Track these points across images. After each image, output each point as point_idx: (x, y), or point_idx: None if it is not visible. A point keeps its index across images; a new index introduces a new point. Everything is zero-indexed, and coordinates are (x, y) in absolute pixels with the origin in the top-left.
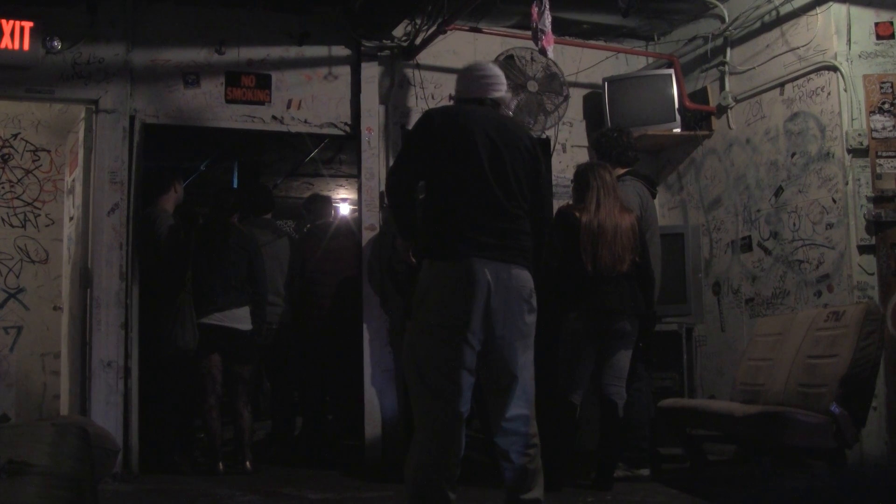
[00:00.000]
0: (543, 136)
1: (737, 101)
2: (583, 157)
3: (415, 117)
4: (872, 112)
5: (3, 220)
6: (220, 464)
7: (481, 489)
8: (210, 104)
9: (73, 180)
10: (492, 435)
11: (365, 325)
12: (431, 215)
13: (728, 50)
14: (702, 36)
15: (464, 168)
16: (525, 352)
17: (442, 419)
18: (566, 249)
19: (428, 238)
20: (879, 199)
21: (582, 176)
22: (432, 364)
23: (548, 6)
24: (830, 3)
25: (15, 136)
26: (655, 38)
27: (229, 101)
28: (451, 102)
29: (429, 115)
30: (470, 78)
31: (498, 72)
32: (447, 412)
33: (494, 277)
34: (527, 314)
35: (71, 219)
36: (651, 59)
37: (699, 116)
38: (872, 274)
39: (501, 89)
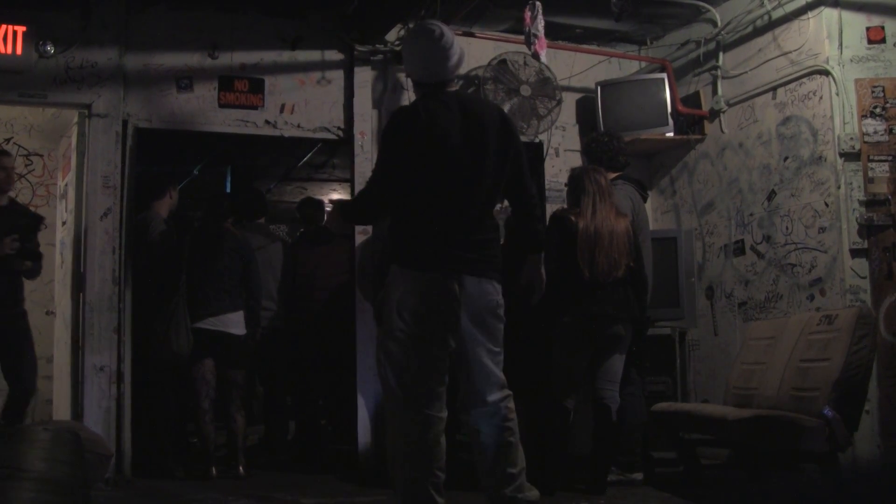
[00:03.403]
0: (536, 141)
1: (729, 105)
2: (576, 161)
3: None
4: (864, 116)
5: None
6: (213, 468)
7: (471, 494)
8: (203, 108)
9: (66, 185)
10: (466, 415)
11: (358, 330)
12: (403, 222)
13: (720, 54)
14: (694, 40)
15: (438, 175)
16: (495, 355)
17: (421, 423)
18: (562, 254)
19: (399, 245)
20: (871, 202)
21: (577, 180)
22: (406, 369)
23: (541, 11)
24: (822, 7)
25: (7, 140)
26: (648, 42)
27: (222, 105)
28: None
29: (397, 121)
30: (426, 57)
31: (447, 32)
32: (424, 416)
33: (465, 291)
34: (495, 326)
35: (63, 223)
36: (644, 64)
37: (692, 121)
38: (865, 277)
39: (457, 55)
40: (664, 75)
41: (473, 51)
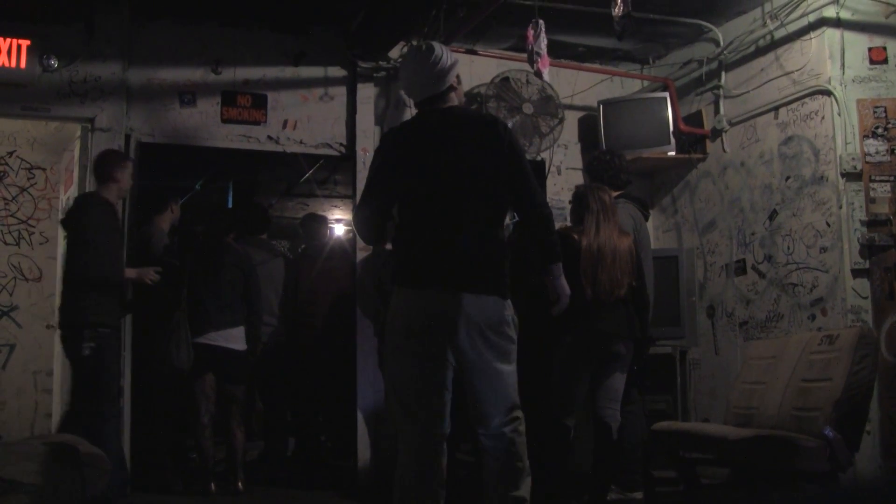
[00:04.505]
0: (538, 159)
1: (731, 124)
2: (578, 179)
3: None
4: (866, 136)
5: None
6: (212, 484)
7: None
8: (206, 123)
9: (68, 198)
10: (475, 435)
11: (358, 346)
12: (398, 240)
13: (723, 73)
14: (697, 60)
15: (424, 191)
16: (502, 374)
17: (421, 440)
18: (564, 272)
19: (396, 264)
20: (873, 222)
21: (581, 198)
22: (408, 386)
23: (543, 29)
24: (824, 28)
25: (10, 153)
26: (650, 61)
27: (225, 120)
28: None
29: (382, 141)
30: (406, 76)
31: (435, 47)
32: (425, 433)
33: (463, 308)
34: (500, 343)
35: (65, 237)
36: (646, 83)
37: (694, 139)
38: (866, 298)
39: (443, 69)
40: (666, 94)
41: (476, 68)
